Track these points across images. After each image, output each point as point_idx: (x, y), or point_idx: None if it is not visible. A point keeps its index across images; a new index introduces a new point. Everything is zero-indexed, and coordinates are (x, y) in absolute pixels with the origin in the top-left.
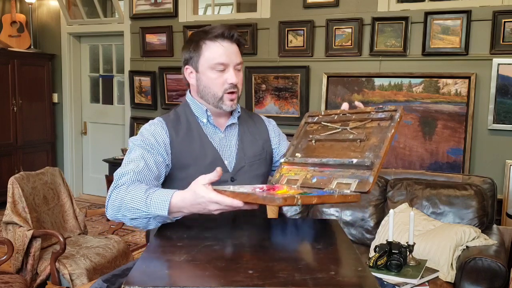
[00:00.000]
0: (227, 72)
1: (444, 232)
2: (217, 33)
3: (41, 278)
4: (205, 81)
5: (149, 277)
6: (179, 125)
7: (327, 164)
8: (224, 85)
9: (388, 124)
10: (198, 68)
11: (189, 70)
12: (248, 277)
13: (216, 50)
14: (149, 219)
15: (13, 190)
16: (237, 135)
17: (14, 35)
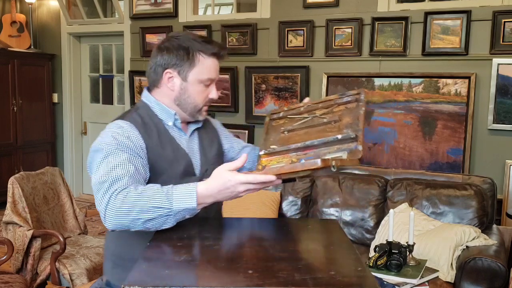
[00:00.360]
0: (211, 87)
1: (444, 232)
2: (215, 51)
3: (41, 278)
4: (191, 92)
5: (149, 277)
6: (149, 129)
7: (311, 145)
8: (206, 99)
9: (356, 105)
10: (187, 77)
11: (170, 75)
12: (248, 277)
13: (211, 66)
14: (168, 217)
15: (13, 190)
16: (198, 139)
17: (14, 35)
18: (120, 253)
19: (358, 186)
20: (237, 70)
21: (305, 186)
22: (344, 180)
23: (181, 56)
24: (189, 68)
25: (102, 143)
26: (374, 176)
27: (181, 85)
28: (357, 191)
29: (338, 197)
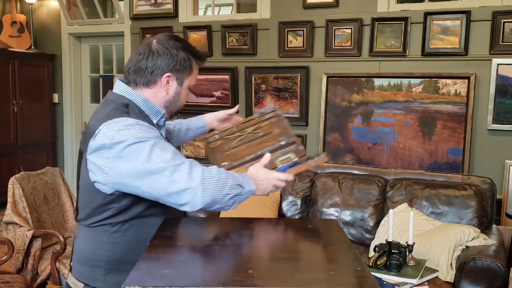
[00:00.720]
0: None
1: (444, 232)
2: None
3: (42, 278)
4: (183, 95)
5: (149, 277)
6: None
7: (262, 154)
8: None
9: (277, 119)
10: (183, 83)
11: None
12: (248, 277)
13: (196, 74)
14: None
15: (13, 190)
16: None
17: (15, 35)
18: (117, 258)
19: (358, 186)
20: (237, 70)
21: (305, 186)
22: (344, 180)
23: (183, 63)
24: (187, 75)
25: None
26: (374, 176)
27: (176, 90)
28: (357, 191)
29: (338, 197)
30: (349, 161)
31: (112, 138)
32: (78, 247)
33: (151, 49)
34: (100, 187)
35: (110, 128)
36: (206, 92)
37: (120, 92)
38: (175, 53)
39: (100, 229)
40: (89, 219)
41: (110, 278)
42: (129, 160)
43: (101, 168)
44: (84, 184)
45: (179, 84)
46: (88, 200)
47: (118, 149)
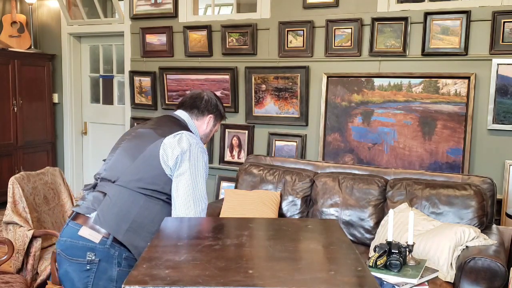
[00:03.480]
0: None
1: (444, 232)
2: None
3: (42, 278)
4: (209, 133)
5: (149, 277)
6: None
7: None
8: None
9: None
10: (215, 125)
11: (210, 119)
12: (248, 277)
13: (219, 127)
14: None
15: (13, 190)
16: None
17: (15, 35)
18: (142, 222)
19: (358, 186)
20: (237, 70)
21: (305, 186)
22: (344, 180)
23: (219, 113)
24: (218, 122)
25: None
26: (374, 176)
27: (211, 128)
28: (357, 191)
29: (338, 197)
30: (349, 161)
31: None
32: (112, 201)
33: (203, 96)
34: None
35: (192, 137)
36: None
37: (187, 121)
38: (218, 105)
39: (140, 195)
40: (136, 184)
41: (129, 235)
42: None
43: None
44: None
45: (213, 126)
46: (147, 171)
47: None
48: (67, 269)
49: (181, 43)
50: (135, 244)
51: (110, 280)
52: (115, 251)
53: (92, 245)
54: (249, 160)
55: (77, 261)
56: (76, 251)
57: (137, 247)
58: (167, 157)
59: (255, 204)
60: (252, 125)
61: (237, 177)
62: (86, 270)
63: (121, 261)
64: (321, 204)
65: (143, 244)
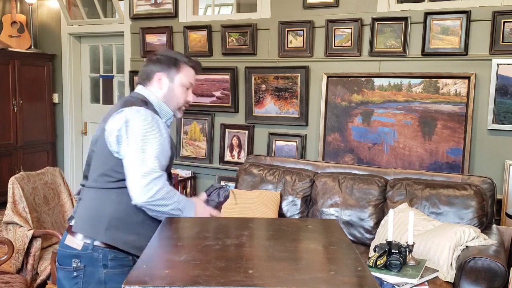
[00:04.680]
0: (188, 92)
1: (444, 232)
2: (194, 64)
3: (42, 278)
4: (176, 92)
5: (149, 277)
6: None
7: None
8: (185, 100)
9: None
10: (173, 79)
11: (161, 76)
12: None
13: (189, 73)
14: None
15: (13, 190)
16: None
17: (15, 35)
18: (120, 216)
19: (358, 186)
20: (237, 70)
21: (305, 186)
22: (344, 180)
23: (173, 65)
24: (176, 73)
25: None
26: (374, 176)
27: (169, 86)
28: (357, 191)
29: (338, 197)
30: (349, 161)
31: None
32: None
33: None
34: (116, 154)
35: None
36: (206, 92)
37: (144, 94)
38: (166, 55)
39: (108, 190)
40: (100, 180)
41: (110, 233)
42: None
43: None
44: (100, 151)
45: (171, 81)
46: (103, 162)
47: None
48: (59, 277)
49: (181, 43)
50: (123, 239)
51: (99, 283)
52: (99, 254)
53: (75, 252)
54: (249, 160)
55: (66, 269)
56: (64, 259)
57: (126, 241)
58: (110, 141)
59: (255, 204)
60: (252, 125)
61: (237, 177)
62: (74, 277)
63: (107, 263)
64: (321, 204)
65: (133, 236)
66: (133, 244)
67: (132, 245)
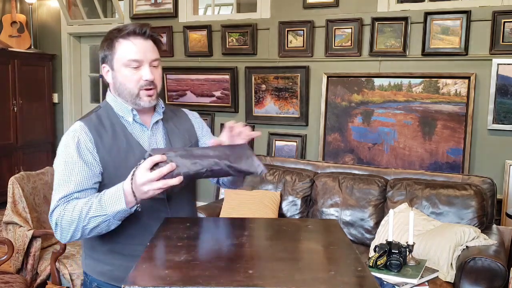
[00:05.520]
0: (142, 69)
1: (444, 232)
2: (129, 31)
3: (41, 278)
4: (120, 78)
5: (149, 277)
6: (103, 128)
7: None
8: (140, 82)
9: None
10: (113, 66)
11: (106, 69)
12: (248, 277)
13: (129, 47)
14: (109, 221)
15: (13, 190)
16: (163, 130)
17: (14, 35)
18: (91, 244)
19: (358, 186)
20: (237, 70)
21: (305, 186)
22: (344, 180)
23: (105, 48)
24: (112, 56)
25: (59, 149)
26: (374, 176)
27: (112, 75)
28: (357, 191)
29: (338, 197)
30: (349, 161)
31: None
32: None
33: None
34: None
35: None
36: (206, 92)
37: (106, 96)
38: (101, 44)
39: None
40: None
41: (87, 263)
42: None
43: None
44: None
45: (111, 68)
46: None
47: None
48: None
49: (181, 43)
50: (97, 269)
51: None
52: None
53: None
54: None
55: None
56: None
57: (101, 272)
58: None
59: (255, 204)
60: (252, 125)
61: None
62: None
63: None
64: (321, 204)
65: (107, 266)
66: (110, 275)
67: (109, 276)
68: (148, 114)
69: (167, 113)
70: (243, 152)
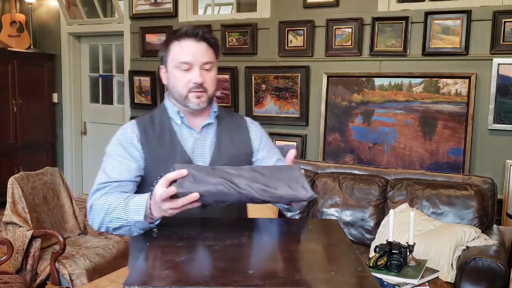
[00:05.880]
0: (192, 71)
1: (444, 232)
2: (181, 32)
3: (41, 278)
4: (172, 80)
5: (149, 277)
6: (152, 128)
7: None
8: (189, 84)
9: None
10: (167, 67)
11: (163, 70)
12: (248, 277)
13: (180, 49)
14: (130, 227)
15: (12, 190)
16: (214, 135)
17: (14, 35)
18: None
19: (358, 186)
20: (237, 70)
21: None
22: (344, 181)
23: (162, 49)
24: (167, 58)
25: (108, 147)
26: (374, 176)
27: (167, 76)
28: (357, 191)
29: (338, 197)
30: (349, 161)
31: None
32: None
33: None
34: None
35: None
36: None
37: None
38: (161, 44)
39: None
40: None
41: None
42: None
43: None
44: None
45: (166, 70)
46: None
47: None
48: None
49: None
50: None
51: None
52: None
53: None
54: None
55: None
56: None
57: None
58: None
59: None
60: None
61: None
62: None
63: None
64: (322, 204)
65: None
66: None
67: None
68: (200, 117)
69: (224, 118)
70: (290, 174)
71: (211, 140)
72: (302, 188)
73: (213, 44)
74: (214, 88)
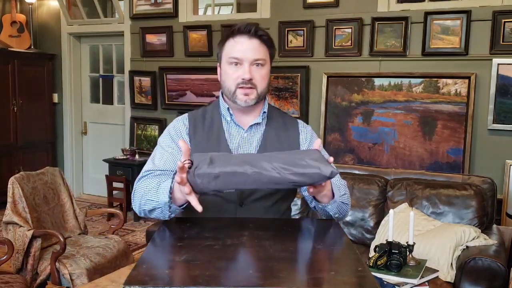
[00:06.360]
0: (241, 67)
1: (444, 232)
2: (235, 29)
3: (41, 278)
4: (223, 75)
5: (149, 277)
6: (202, 122)
7: None
8: (237, 80)
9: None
10: (221, 63)
11: (219, 67)
12: (248, 277)
13: (232, 45)
14: (162, 209)
15: (13, 190)
16: (261, 135)
17: (14, 35)
18: None
19: (358, 186)
20: None
21: None
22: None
23: (219, 46)
24: (221, 54)
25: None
26: (374, 176)
27: (220, 72)
28: (357, 191)
29: None
30: (349, 161)
31: None
32: None
33: None
34: None
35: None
36: (206, 92)
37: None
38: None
39: None
40: None
41: None
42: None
43: None
44: None
45: (220, 66)
46: None
47: None
48: None
49: (181, 43)
50: None
51: None
52: None
53: None
54: None
55: None
56: None
57: None
58: None
59: None
60: None
61: None
62: None
63: None
64: None
65: None
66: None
67: None
68: (250, 115)
69: (274, 118)
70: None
71: (257, 140)
72: (323, 165)
73: (266, 41)
74: (265, 86)
